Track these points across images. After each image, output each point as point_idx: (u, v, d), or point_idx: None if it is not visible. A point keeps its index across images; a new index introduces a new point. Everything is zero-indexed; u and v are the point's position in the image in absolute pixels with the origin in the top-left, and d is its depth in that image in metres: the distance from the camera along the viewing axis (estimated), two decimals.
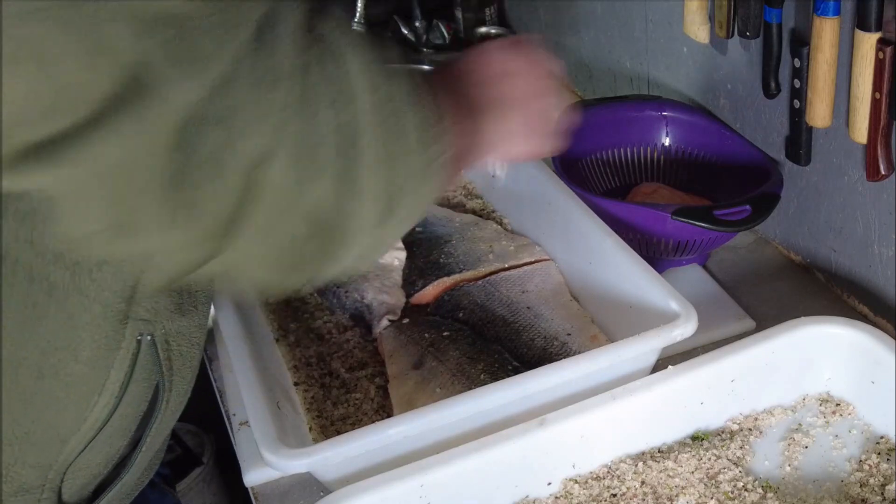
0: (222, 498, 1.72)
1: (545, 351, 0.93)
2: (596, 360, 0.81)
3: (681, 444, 0.83)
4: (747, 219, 0.99)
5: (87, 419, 0.66)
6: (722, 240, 1.08)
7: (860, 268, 1.01)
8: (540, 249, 1.06)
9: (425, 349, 0.91)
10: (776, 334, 0.85)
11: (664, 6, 1.23)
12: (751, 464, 0.82)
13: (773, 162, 1.09)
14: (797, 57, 0.95)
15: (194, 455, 1.68)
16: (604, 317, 0.96)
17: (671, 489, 0.78)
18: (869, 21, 0.84)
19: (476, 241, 1.08)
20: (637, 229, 1.01)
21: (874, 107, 0.87)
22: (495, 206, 1.18)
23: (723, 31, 1.05)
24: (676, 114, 1.20)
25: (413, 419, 0.76)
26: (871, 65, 0.85)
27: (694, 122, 1.18)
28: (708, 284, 1.08)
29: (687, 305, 0.83)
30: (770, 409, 0.87)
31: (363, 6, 1.74)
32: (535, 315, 0.97)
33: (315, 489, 0.85)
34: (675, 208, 0.98)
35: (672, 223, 0.98)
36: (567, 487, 0.80)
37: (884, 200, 0.94)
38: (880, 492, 0.78)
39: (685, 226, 0.98)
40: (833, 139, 0.99)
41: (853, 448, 0.83)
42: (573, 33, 1.54)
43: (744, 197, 1.02)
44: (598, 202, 1.02)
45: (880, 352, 0.83)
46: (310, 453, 0.73)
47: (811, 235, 1.08)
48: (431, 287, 1.02)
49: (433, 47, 1.86)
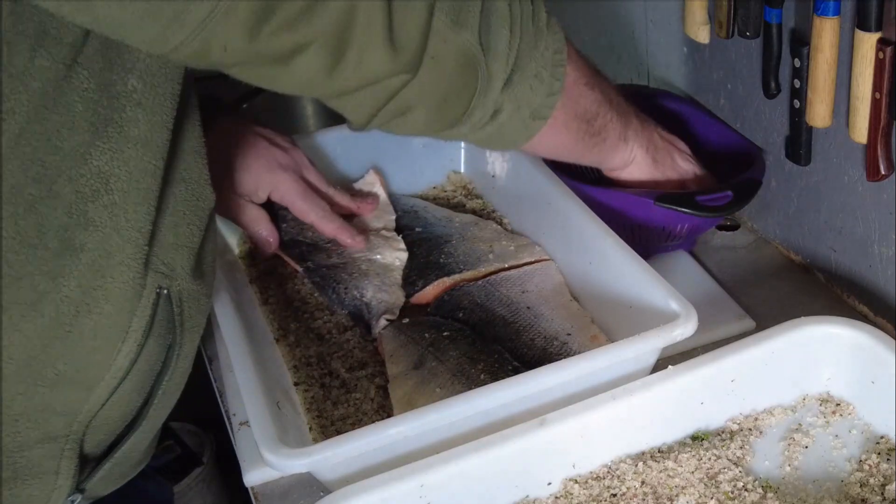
0: (222, 498, 1.72)
1: (545, 351, 0.93)
2: (596, 360, 0.81)
3: (681, 444, 0.83)
4: (729, 204, 1.01)
5: (112, 367, 0.71)
6: (707, 225, 1.11)
7: (860, 268, 1.01)
8: (540, 249, 1.06)
9: (425, 349, 0.91)
10: (776, 334, 0.85)
11: (664, 6, 1.23)
12: (751, 464, 0.82)
13: (757, 149, 1.10)
14: (797, 57, 0.95)
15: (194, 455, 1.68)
16: (604, 317, 0.96)
17: (671, 489, 0.78)
18: (869, 21, 0.84)
19: (476, 241, 1.08)
20: (622, 216, 1.03)
21: (874, 107, 0.87)
22: (495, 206, 1.18)
23: (723, 31, 1.05)
24: (662, 102, 1.20)
25: (413, 419, 0.76)
26: (871, 65, 0.85)
27: (679, 109, 1.19)
28: (708, 284, 1.08)
29: (687, 305, 0.83)
30: (770, 409, 0.87)
31: None
32: (535, 315, 0.97)
33: (315, 489, 0.85)
34: (658, 194, 1.00)
35: (656, 208, 0.99)
36: (567, 487, 0.80)
37: (884, 200, 0.94)
38: (880, 492, 0.78)
39: (669, 212, 0.99)
40: (833, 139, 0.99)
41: (853, 448, 0.83)
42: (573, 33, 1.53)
43: (726, 183, 1.03)
44: (584, 189, 1.03)
45: (880, 352, 0.83)
46: (310, 453, 0.73)
47: (811, 235, 1.08)
48: (431, 287, 1.02)
49: None
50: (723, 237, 1.17)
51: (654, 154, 1.00)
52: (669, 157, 1.03)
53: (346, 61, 0.65)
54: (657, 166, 1.01)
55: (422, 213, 1.14)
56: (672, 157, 1.03)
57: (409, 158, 1.22)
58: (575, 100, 0.86)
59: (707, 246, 1.15)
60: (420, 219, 1.13)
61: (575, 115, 0.87)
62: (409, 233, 1.11)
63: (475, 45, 0.71)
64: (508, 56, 0.74)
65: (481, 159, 1.20)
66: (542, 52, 0.77)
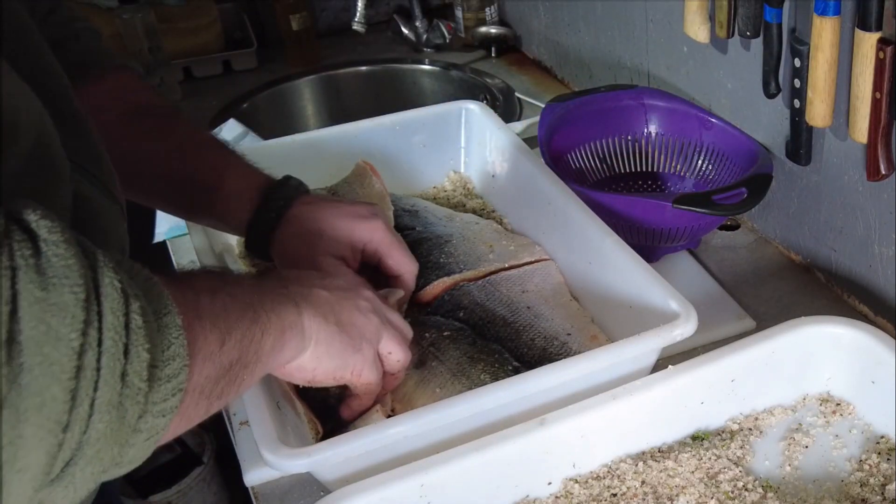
0: (222, 497, 1.72)
1: (545, 351, 0.92)
2: (596, 360, 0.81)
3: (681, 444, 0.83)
4: (745, 201, 1.00)
5: None
6: (715, 223, 1.10)
7: (860, 267, 1.01)
8: (540, 249, 1.06)
9: (425, 349, 0.91)
10: (776, 334, 0.85)
11: (664, 6, 1.23)
12: (751, 464, 0.82)
13: (757, 143, 1.10)
14: (797, 57, 0.95)
15: (194, 455, 1.69)
16: (604, 317, 0.96)
17: (671, 489, 0.78)
18: (869, 21, 0.84)
19: (476, 240, 1.08)
20: (636, 221, 1.02)
21: (874, 106, 0.87)
22: (495, 206, 1.18)
23: (723, 30, 1.05)
24: (654, 101, 1.20)
25: (412, 419, 0.76)
26: (872, 64, 0.85)
27: (673, 108, 1.19)
28: (708, 284, 1.08)
29: (687, 305, 0.83)
30: (770, 408, 0.87)
31: (363, 6, 1.74)
32: (535, 315, 0.97)
33: (315, 489, 0.85)
34: (676, 196, 0.99)
35: (672, 211, 0.99)
36: (567, 487, 0.80)
37: (884, 200, 0.94)
38: (880, 492, 0.78)
39: (684, 213, 0.99)
40: (833, 139, 0.99)
41: (853, 448, 0.83)
42: (573, 33, 1.54)
43: (738, 180, 1.03)
44: (596, 196, 1.03)
45: (880, 352, 0.83)
46: (309, 453, 0.73)
47: (811, 235, 1.08)
48: (432, 287, 1.02)
49: (433, 47, 1.86)
50: (723, 237, 1.17)
51: (336, 316, 0.75)
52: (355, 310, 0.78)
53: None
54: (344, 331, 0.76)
55: (422, 212, 1.14)
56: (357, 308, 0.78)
57: (410, 158, 1.22)
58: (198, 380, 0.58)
59: (707, 246, 1.15)
60: (420, 218, 1.13)
61: (206, 388, 0.60)
62: (409, 232, 1.11)
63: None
64: (51, 467, 0.47)
65: (481, 159, 1.20)
66: (127, 440, 0.51)
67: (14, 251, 0.45)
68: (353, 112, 1.71)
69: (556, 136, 1.16)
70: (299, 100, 1.83)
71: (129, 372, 0.49)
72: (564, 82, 1.64)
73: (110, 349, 0.48)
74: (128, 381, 0.49)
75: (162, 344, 0.52)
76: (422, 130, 1.23)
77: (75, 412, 0.47)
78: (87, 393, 0.47)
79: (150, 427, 0.52)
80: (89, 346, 0.47)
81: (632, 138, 1.21)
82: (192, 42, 1.83)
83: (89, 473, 0.49)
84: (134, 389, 0.49)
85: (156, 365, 0.51)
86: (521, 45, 1.79)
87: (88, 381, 0.47)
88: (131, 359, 0.49)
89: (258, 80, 1.80)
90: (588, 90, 1.24)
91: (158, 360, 0.51)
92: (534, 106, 1.57)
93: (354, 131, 1.21)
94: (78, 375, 0.46)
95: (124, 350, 0.49)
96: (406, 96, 1.82)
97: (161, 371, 0.52)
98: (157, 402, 0.51)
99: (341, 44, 1.92)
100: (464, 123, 1.23)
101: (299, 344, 0.71)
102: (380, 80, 1.84)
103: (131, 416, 0.50)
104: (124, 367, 0.49)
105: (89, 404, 0.47)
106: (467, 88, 1.72)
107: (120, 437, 0.50)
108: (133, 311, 0.50)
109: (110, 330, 0.48)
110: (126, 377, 0.49)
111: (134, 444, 0.51)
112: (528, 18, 1.72)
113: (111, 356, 0.48)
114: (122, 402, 0.49)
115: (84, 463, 0.49)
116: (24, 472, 0.46)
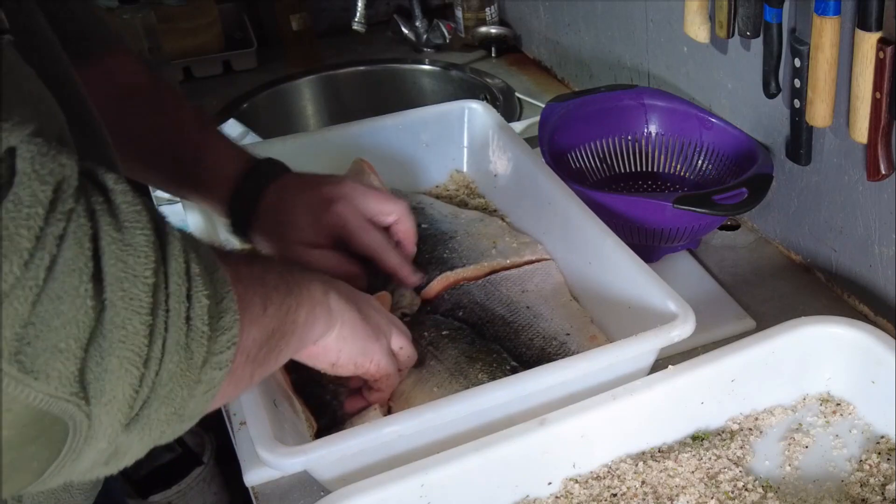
0: (222, 497, 1.72)
1: (543, 351, 0.92)
2: (594, 360, 0.81)
3: (681, 444, 0.83)
4: (745, 201, 1.00)
5: None
6: (715, 223, 1.10)
7: (860, 268, 1.01)
8: (542, 248, 1.06)
9: (424, 348, 0.91)
10: (776, 334, 0.85)
11: (664, 6, 1.23)
12: (751, 464, 0.82)
13: (757, 143, 1.10)
14: (797, 57, 0.95)
15: (194, 455, 1.69)
16: (603, 317, 0.96)
17: (671, 489, 0.78)
18: (869, 21, 0.84)
19: (480, 237, 1.08)
20: (636, 221, 1.02)
21: (874, 106, 0.87)
22: (497, 206, 1.18)
23: (723, 30, 1.05)
24: (654, 101, 1.20)
25: (408, 418, 0.76)
26: (872, 64, 0.85)
27: (673, 108, 1.19)
28: (708, 284, 1.08)
29: (685, 306, 0.83)
30: (770, 408, 0.87)
31: (363, 6, 1.74)
32: (535, 315, 0.97)
33: (315, 489, 0.85)
34: (676, 196, 0.99)
35: (672, 211, 0.99)
36: (567, 487, 0.80)
37: (884, 200, 0.94)
38: (880, 492, 0.78)
39: (684, 213, 0.99)
40: (833, 139, 0.99)
41: (853, 448, 0.83)
42: (573, 32, 1.54)
43: (738, 180, 1.03)
44: (596, 196, 1.03)
45: (880, 352, 0.82)
46: (306, 451, 0.73)
47: (811, 235, 1.08)
48: (436, 282, 1.02)
49: (433, 47, 1.86)
50: (723, 237, 1.17)
51: (357, 304, 0.78)
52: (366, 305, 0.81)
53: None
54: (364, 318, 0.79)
55: (427, 209, 1.14)
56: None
57: (412, 157, 1.22)
58: (246, 353, 0.61)
59: (707, 246, 1.15)
60: (426, 215, 1.12)
61: (252, 352, 0.62)
62: None
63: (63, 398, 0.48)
64: (134, 401, 0.51)
65: (484, 159, 1.20)
66: (191, 388, 0.54)
67: (90, 197, 0.48)
68: (353, 112, 1.71)
69: (557, 136, 1.16)
70: (299, 100, 1.83)
71: (193, 315, 0.52)
72: (564, 82, 1.64)
73: (175, 292, 0.51)
74: (192, 324, 0.52)
75: (216, 296, 0.55)
76: (424, 130, 1.23)
77: (153, 347, 0.50)
78: (160, 332, 0.50)
79: (209, 378, 0.55)
80: (160, 286, 0.50)
81: (632, 138, 1.21)
82: (192, 42, 1.83)
83: (163, 415, 0.52)
84: (198, 332, 0.53)
85: (213, 315, 0.54)
86: (521, 45, 1.79)
87: (160, 320, 0.50)
88: (193, 303, 0.52)
89: (258, 80, 1.79)
90: (588, 90, 1.24)
91: (214, 311, 0.54)
92: (534, 106, 1.57)
93: (357, 131, 1.21)
94: (154, 312, 0.49)
95: (187, 294, 0.52)
96: (406, 96, 1.82)
97: (217, 322, 0.55)
98: (216, 352, 0.54)
99: (341, 44, 1.92)
100: (466, 123, 1.23)
101: (327, 321, 0.73)
102: (380, 81, 1.84)
103: (197, 359, 0.53)
104: (188, 310, 0.52)
105: (162, 343, 0.50)
106: (467, 88, 1.72)
107: (188, 379, 0.53)
108: (192, 260, 0.53)
109: (174, 274, 0.51)
110: (190, 320, 0.52)
111: (195, 395, 0.54)
112: (528, 18, 1.72)
113: (177, 299, 0.51)
114: (188, 343, 0.52)
115: (158, 403, 0.51)
116: (111, 405, 0.49)
